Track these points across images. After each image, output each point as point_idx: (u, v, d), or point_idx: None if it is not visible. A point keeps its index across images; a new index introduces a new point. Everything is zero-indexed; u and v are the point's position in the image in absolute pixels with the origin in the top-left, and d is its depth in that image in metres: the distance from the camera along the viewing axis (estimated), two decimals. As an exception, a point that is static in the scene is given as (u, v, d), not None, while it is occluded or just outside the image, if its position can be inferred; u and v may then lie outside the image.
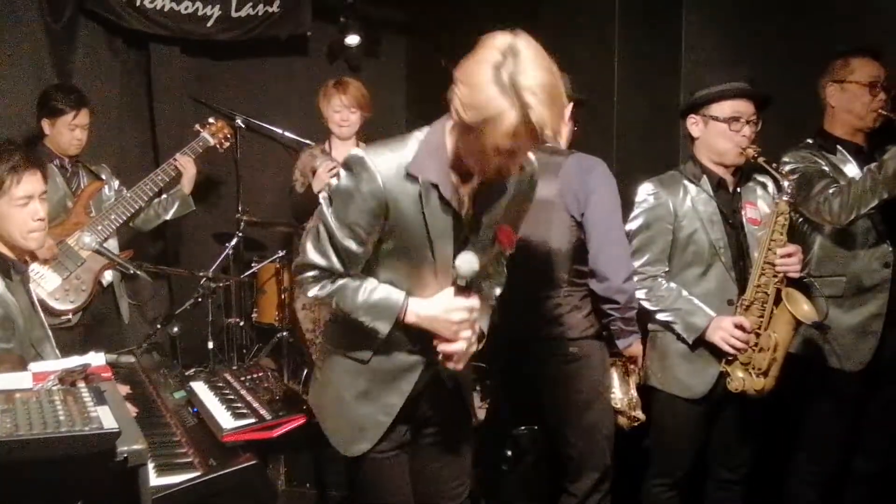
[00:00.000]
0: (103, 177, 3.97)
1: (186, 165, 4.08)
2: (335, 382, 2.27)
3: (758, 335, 2.80)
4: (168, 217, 4.14)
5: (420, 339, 2.18)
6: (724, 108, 2.85)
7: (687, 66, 4.26)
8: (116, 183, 4.02)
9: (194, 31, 4.60)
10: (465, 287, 2.07)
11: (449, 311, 2.09)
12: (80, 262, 3.71)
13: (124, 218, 3.83)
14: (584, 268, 2.85)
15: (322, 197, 2.15)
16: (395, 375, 2.22)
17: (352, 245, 2.08)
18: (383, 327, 2.12)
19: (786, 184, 2.79)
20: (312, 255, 2.13)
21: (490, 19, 4.70)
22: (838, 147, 3.07)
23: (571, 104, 2.98)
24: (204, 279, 4.32)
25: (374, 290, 2.12)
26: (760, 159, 2.80)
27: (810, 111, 3.22)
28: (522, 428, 2.26)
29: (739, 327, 2.79)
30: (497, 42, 1.89)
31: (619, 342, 2.88)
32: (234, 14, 4.67)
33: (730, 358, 2.83)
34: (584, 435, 2.93)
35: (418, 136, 2.07)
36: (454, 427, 2.40)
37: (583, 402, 2.90)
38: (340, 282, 2.13)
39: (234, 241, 4.62)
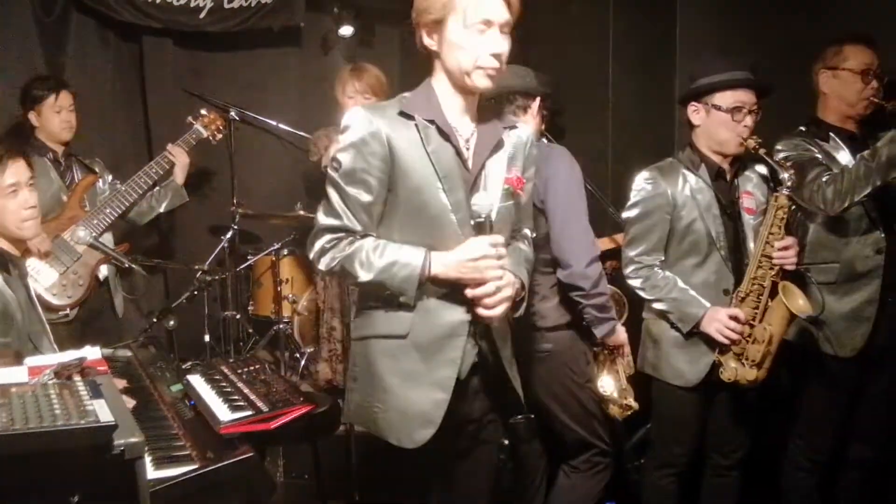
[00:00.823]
0: (97, 170, 3.98)
1: (179, 157, 4.07)
2: (377, 371, 2.16)
3: (752, 326, 2.81)
4: (162, 209, 4.14)
5: (456, 295, 2.12)
6: (727, 98, 2.83)
7: (682, 54, 4.26)
8: (110, 177, 4.02)
9: (187, 22, 4.58)
10: (484, 224, 2.07)
11: (471, 249, 2.06)
12: (77, 256, 3.72)
13: (119, 211, 3.84)
14: (550, 256, 2.83)
15: (327, 169, 2.18)
16: (441, 344, 2.13)
17: (362, 194, 2.08)
18: (409, 286, 2.06)
19: (785, 176, 2.78)
20: (324, 219, 2.12)
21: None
22: (831, 134, 3.07)
23: (538, 98, 2.97)
24: (200, 272, 4.31)
25: (394, 249, 2.08)
26: (761, 151, 2.80)
27: (804, 99, 3.22)
28: (519, 417, 2.22)
29: (734, 319, 2.79)
30: None
31: (595, 331, 2.85)
32: (226, 5, 4.65)
33: (722, 348, 2.84)
34: (572, 426, 2.94)
35: (402, 95, 2.19)
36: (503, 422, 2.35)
37: (561, 399, 2.90)
38: (357, 243, 2.09)
39: (229, 234, 4.62)
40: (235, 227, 4.63)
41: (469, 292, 2.08)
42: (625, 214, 3.00)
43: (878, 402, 3.08)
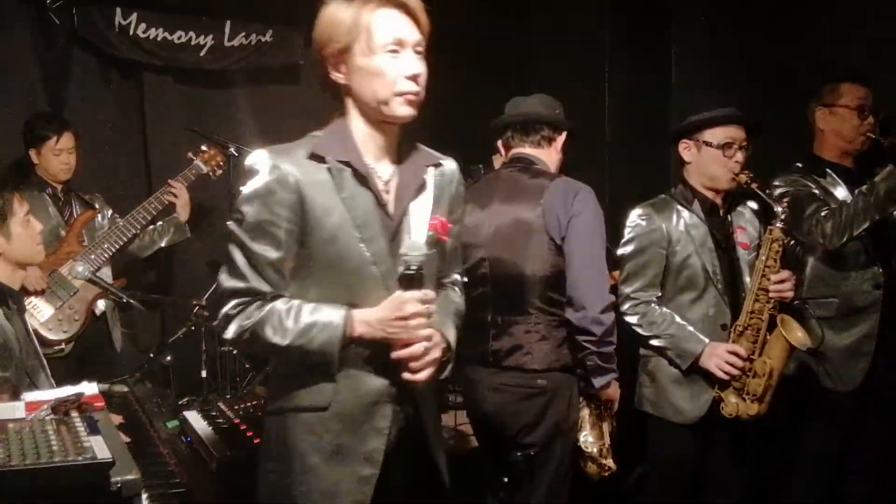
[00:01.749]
0: (96, 206, 3.99)
1: (179, 193, 4.09)
2: (297, 450, 1.90)
3: (751, 361, 2.80)
4: (163, 244, 4.16)
5: (380, 357, 1.90)
6: (717, 134, 2.86)
7: (676, 91, 4.31)
8: (110, 212, 4.03)
9: (187, 60, 4.62)
10: (413, 276, 1.85)
11: (399, 304, 1.83)
12: (73, 291, 3.72)
13: (117, 246, 3.84)
14: (558, 296, 2.70)
15: (229, 222, 1.93)
16: (367, 413, 1.91)
17: (269, 250, 1.84)
18: (331, 351, 1.83)
19: (779, 209, 2.80)
20: (228, 282, 1.87)
21: (482, 52, 4.79)
22: (827, 170, 3.11)
23: (565, 133, 2.93)
24: (197, 307, 4.30)
25: (309, 310, 1.85)
26: (753, 185, 2.82)
27: (797, 136, 3.26)
28: (518, 454, 2.17)
29: (734, 353, 2.78)
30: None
31: (594, 380, 2.70)
32: (227, 43, 4.69)
33: (723, 383, 2.83)
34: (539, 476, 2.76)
35: (312, 135, 1.98)
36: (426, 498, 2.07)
37: (541, 438, 2.73)
38: (267, 307, 1.85)
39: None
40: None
41: (395, 354, 1.87)
42: (619, 251, 3.00)
43: (876, 436, 3.07)
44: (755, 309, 2.81)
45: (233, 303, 1.86)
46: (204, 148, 4.25)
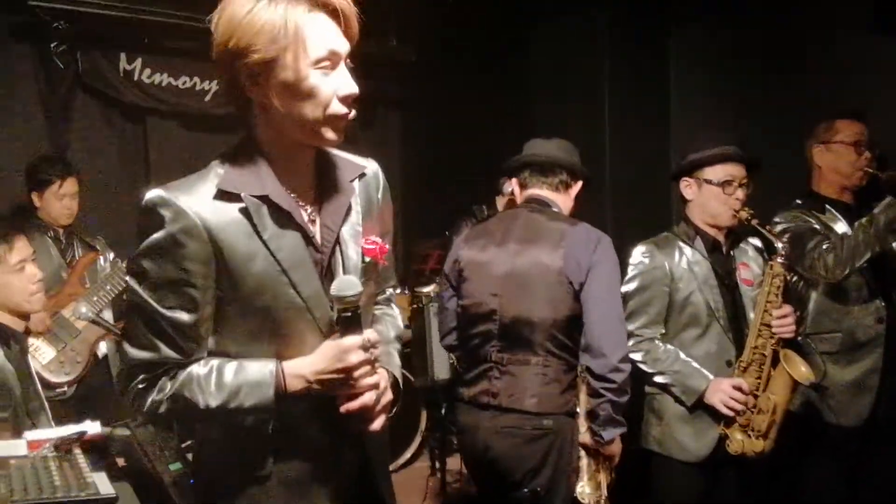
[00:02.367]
0: (98, 248, 3.99)
1: None
2: None
3: (756, 397, 2.79)
4: None
5: (320, 408, 1.63)
6: (717, 172, 2.88)
7: (675, 128, 4.35)
8: (111, 254, 4.02)
9: (191, 104, 4.68)
10: (352, 318, 1.57)
11: (340, 355, 1.56)
12: (76, 333, 3.70)
13: (120, 288, 3.81)
14: (569, 341, 2.66)
15: (128, 278, 1.68)
16: (313, 473, 1.66)
17: (181, 315, 1.53)
18: (264, 413, 1.55)
19: (779, 245, 2.81)
20: (135, 353, 1.55)
21: (482, 90, 4.84)
22: (827, 206, 3.13)
23: (581, 182, 2.93)
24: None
25: (232, 370, 1.56)
26: (754, 221, 2.84)
27: (796, 172, 3.29)
28: (525, 490, 2.14)
29: (738, 389, 2.77)
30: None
31: (604, 433, 2.62)
32: (230, 88, 4.75)
33: (728, 420, 2.81)
34: None
35: (216, 163, 1.60)
36: None
37: (541, 478, 2.65)
38: (183, 374, 1.55)
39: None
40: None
41: (344, 408, 1.59)
42: (623, 289, 3.00)
43: (882, 471, 3.04)
44: (758, 344, 2.80)
45: (141, 377, 1.55)
46: None
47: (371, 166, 1.78)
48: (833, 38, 3.67)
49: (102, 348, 3.82)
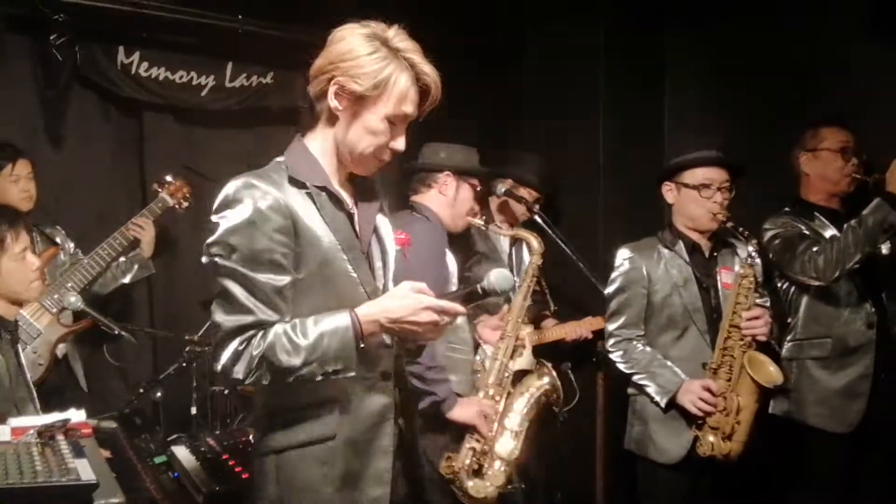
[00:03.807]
0: (58, 240, 3.91)
1: (145, 228, 4.05)
2: (307, 484, 1.87)
3: (726, 398, 2.80)
4: (126, 281, 4.09)
5: (375, 376, 1.94)
6: (695, 176, 2.96)
7: (670, 134, 4.36)
8: (72, 246, 3.96)
9: (188, 99, 4.65)
10: (475, 295, 1.92)
11: (416, 310, 1.82)
12: (37, 333, 3.58)
13: (82, 285, 3.74)
14: None
15: (212, 257, 1.83)
16: (372, 435, 1.92)
17: (274, 279, 1.79)
18: (348, 354, 1.80)
19: (750, 248, 2.85)
20: (229, 319, 1.78)
21: (477, 96, 4.85)
22: (816, 214, 3.15)
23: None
24: (189, 345, 4.27)
25: (311, 322, 1.80)
26: (728, 224, 2.88)
27: (790, 179, 3.30)
28: (510, 486, 2.15)
29: (707, 390, 2.79)
30: (350, 26, 1.92)
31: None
32: (227, 84, 4.73)
33: (700, 422, 2.83)
34: None
35: (279, 159, 1.96)
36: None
37: None
38: (270, 333, 1.78)
39: (221, 308, 4.59)
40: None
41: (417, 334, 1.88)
42: (606, 290, 3.09)
43: (873, 477, 3.05)
44: (728, 346, 2.84)
45: (238, 339, 1.77)
46: (169, 178, 4.23)
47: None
48: (830, 43, 3.68)
49: (61, 349, 3.73)
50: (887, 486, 3.06)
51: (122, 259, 4.03)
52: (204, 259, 1.86)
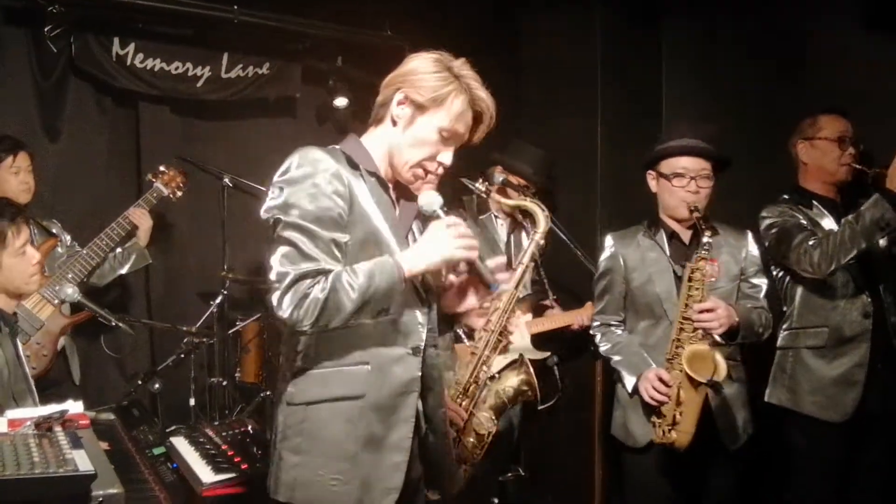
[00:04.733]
0: (54, 231, 3.90)
1: (141, 218, 4.05)
2: (334, 439, 1.98)
3: (681, 389, 2.81)
4: (124, 271, 4.09)
5: (405, 349, 2.06)
6: (671, 165, 2.97)
7: (668, 125, 4.35)
8: (68, 238, 3.95)
9: (184, 90, 4.64)
10: (433, 217, 2.05)
11: (438, 229, 2.01)
12: (40, 325, 3.58)
13: (81, 276, 3.74)
14: None
15: (276, 215, 1.98)
16: (396, 402, 2.03)
17: (337, 234, 1.97)
18: (396, 290, 1.96)
19: (704, 239, 2.81)
20: (295, 268, 1.92)
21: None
22: (814, 202, 3.14)
23: None
24: (187, 336, 4.28)
25: (360, 266, 1.96)
26: (695, 214, 2.86)
27: (788, 169, 3.29)
28: (509, 474, 2.16)
29: (660, 379, 2.80)
30: (423, 53, 2.13)
31: None
32: (224, 75, 4.72)
33: (656, 410, 2.85)
34: None
35: (339, 146, 2.13)
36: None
37: None
38: (331, 277, 1.92)
39: (218, 299, 4.59)
40: (225, 292, 4.61)
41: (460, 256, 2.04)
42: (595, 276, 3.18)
43: (871, 469, 3.05)
44: (681, 338, 2.83)
45: (305, 284, 1.90)
46: (163, 168, 4.22)
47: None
48: (828, 33, 3.67)
49: (61, 342, 3.72)
50: (881, 474, 3.06)
51: (118, 250, 4.03)
52: (265, 215, 2.01)
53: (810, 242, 2.96)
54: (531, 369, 3.00)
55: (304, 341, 2.03)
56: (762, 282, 3.03)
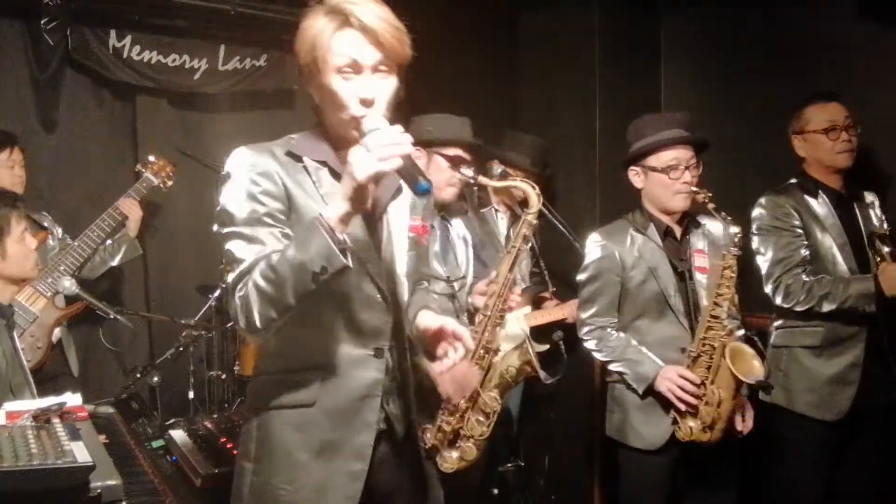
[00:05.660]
0: (45, 225, 3.90)
1: (131, 209, 4.04)
2: (283, 448, 1.89)
3: (705, 387, 2.77)
4: (115, 263, 4.09)
5: (366, 352, 1.92)
6: (661, 158, 2.88)
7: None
8: (59, 230, 3.95)
9: (181, 83, 4.62)
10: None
11: (352, 153, 1.72)
12: (33, 317, 3.57)
13: (73, 268, 3.74)
14: None
15: (215, 226, 1.89)
16: (355, 407, 1.91)
17: (273, 231, 1.82)
18: (326, 250, 1.70)
19: (732, 230, 2.78)
20: (234, 273, 1.80)
21: (472, 76, 4.82)
22: (819, 191, 3.12)
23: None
24: (186, 329, 4.27)
25: (291, 238, 1.82)
26: (710, 205, 2.82)
27: (787, 162, 3.28)
28: (509, 465, 2.14)
29: (685, 378, 2.76)
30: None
31: None
32: (221, 67, 4.71)
33: (678, 407, 2.79)
34: None
35: (290, 136, 1.98)
36: None
37: None
38: (258, 262, 1.78)
39: (217, 293, 4.59)
40: (224, 285, 4.60)
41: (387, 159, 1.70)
42: (578, 277, 3.04)
43: (862, 466, 3.05)
44: (708, 336, 2.79)
45: (240, 285, 1.78)
46: (152, 158, 4.22)
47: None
48: (826, 22, 3.66)
49: (56, 333, 3.72)
50: (872, 472, 3.06)
51: (108, 242, 4.02)
52: (214, 228, 1.90)
53: (789, 282, 3.02)
54: (531, 349, 2.95)
55: (264, 344, 1.96)
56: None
